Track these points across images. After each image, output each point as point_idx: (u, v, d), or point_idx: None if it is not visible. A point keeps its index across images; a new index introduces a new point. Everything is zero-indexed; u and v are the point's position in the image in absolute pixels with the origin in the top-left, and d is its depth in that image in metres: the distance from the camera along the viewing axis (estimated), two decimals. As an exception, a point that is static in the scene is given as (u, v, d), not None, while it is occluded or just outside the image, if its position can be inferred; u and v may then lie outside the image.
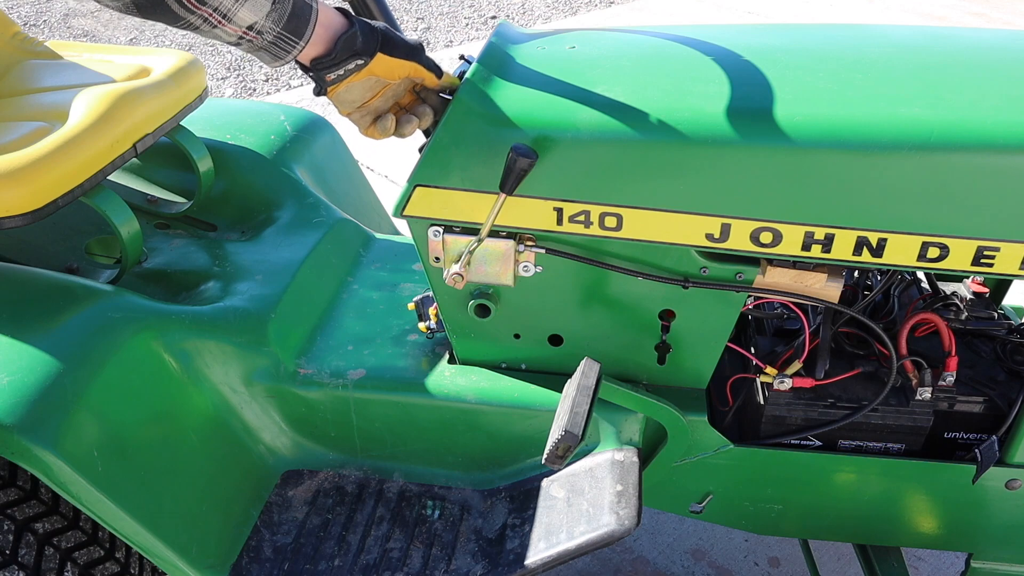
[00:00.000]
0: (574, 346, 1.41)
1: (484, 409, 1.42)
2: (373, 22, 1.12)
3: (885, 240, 1.14)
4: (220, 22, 0.99)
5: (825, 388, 1.38)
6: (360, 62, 1.10)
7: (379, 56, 1.10)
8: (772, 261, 1.25)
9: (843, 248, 1.16)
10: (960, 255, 1.14)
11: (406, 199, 1.24)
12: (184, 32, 1.04)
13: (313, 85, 1.13)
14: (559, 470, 1.43)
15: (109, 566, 1.32)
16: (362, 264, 1.80)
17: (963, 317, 1.48)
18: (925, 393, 1.34)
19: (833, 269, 1.26)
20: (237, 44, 1.03)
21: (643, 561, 2.05)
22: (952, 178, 1.09)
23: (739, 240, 1.18)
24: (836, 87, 1.17)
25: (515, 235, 1.27)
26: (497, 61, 1.26)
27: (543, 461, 1.18)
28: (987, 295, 1.56)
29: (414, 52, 1.15)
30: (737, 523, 1.56)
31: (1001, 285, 1.64)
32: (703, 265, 1.25)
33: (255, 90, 4.88)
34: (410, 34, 5.75)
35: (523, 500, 1.43)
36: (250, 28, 1.01)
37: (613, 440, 1.41)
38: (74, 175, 1.42)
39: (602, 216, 1.20)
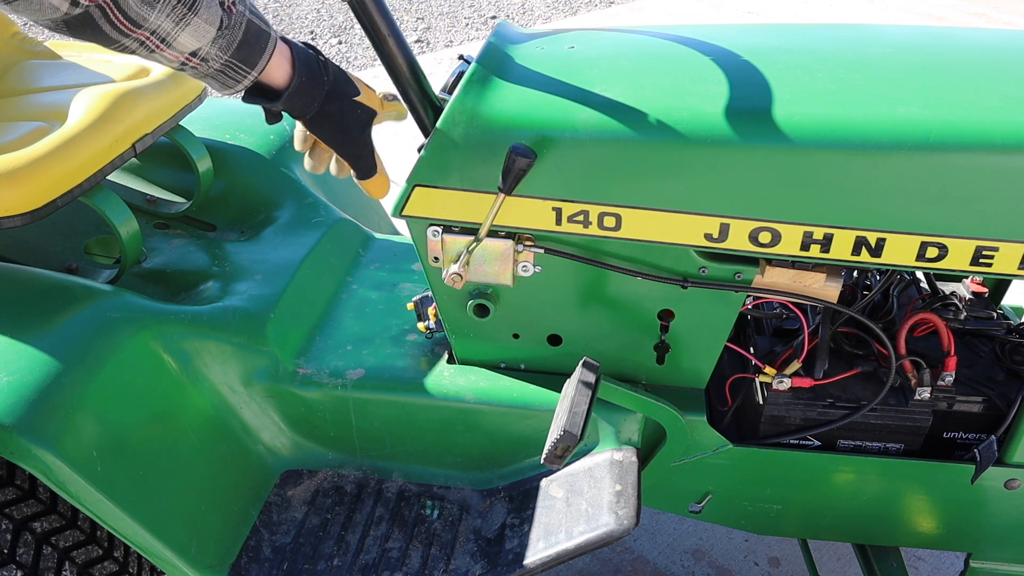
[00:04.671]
0: (573, 346, 1.41)
1: (483, 409, 1.42)
2: (332, 87, 1.07)
3: (884, 240, 1.14)
4: (158, 47, 0.92)
5: (824, 388, 1.38)
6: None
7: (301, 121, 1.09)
8: (771, 261, 1.25)
9: (842, 248, 1.16)
10: (959, 255, 1.14)
11: (405, 199, 1.24)
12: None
13: None
14: (558, 470, 1.44)
15: (107, 565, 1.32)
16: (361, 264, 1.80)
17: (962, 317, 1.48)
18: (924, 393, 1.34)
19: (832, 269, 1.26)
20: (181, 69, 0.97)
21: (643, 561, 2.05)
22: (951, 178, 1.09)
23: (738, 240, 1.18)
24: (835, 87, 1.17)
25: (514, 235, 1.27)
26: (496, 61, 1.26)
27: (542, 461, 1.18)
28: (986, 295, 1.56)
29: (340, 144, 1.12)
30: (736, 523, 1.56)
31: (1000, 285, 1.64)
32: (702, 265, 1.25)
33: (255, 90, 4.88)
34: (410, 35, 5.76)
35: (522, 500, 1.43)
36: (193, 55, 0.95)
37: (612, 440, 1.42)
38: (73, 175, 1.42)
39: (601, 216, 1.20)
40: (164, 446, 1.33)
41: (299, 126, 1.15)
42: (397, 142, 4.19)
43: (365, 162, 1.14)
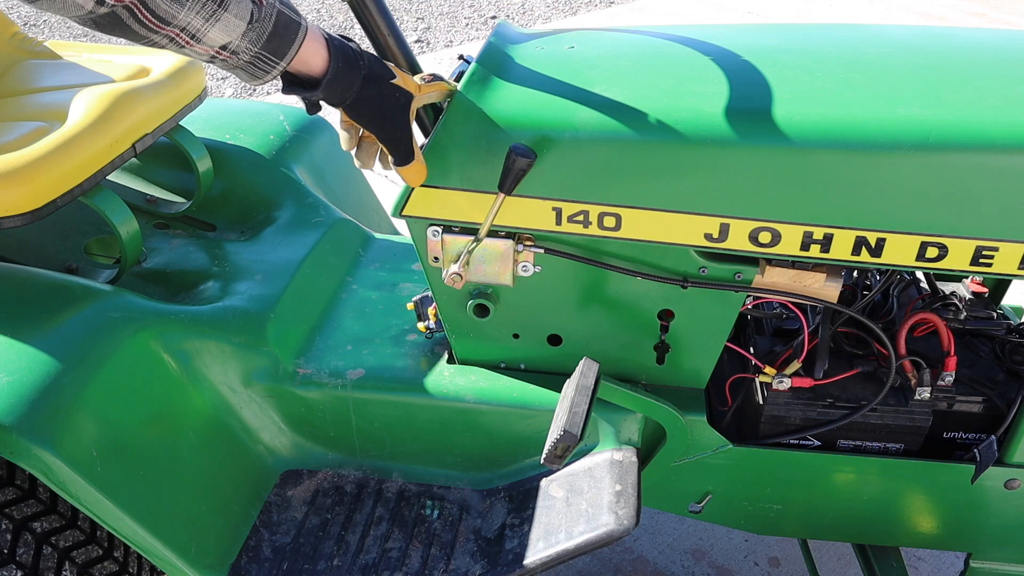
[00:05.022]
0: (573, 346, 1.41)
1: (483, 409, 1.42)
2: (368, 72, 1.07)
3: (884, 240, 1.14)
4: (188, 43, 0.94)
5: (824, 388, 1.38)
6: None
7: (341, 108, 1.08)
8: (771, 261, 1.25)
9: (842, 248, 1.16)
10: (959, 255, 1.14)
11: (405, 199, 1.24)
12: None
13: None
14: (558, 470, 1.44)
15: (107, 565, 1.32)
16: (361, 264, 1.80)
17: (962, 317, 1.48)
18: (924, 393, 1.34)
19: (832, 269, 1.26)
20: (210, 62, 0.99)
21: (643, 561, 2.05)
22: (951, 178, 1.09)
23: (738, 240, 1.18)
24: (835, 87, 1.17)
25: (514, 235, 1.27)
26: (496, 61, 1.26)
27: (542, 461, 1.18)
28: (986, 295, 1.56)
29: (381, 127, 1.10)
30: (736, 523, 1.56)
31: (1000, 285, 1.64)
32: (702, 265, 1.25)
33: (255, 90, 4.89)
34: (410, 35, 5.76)
35: (522, 500, 1.43)
36: (223, 48, 0.96)
37: (612, 440, 1.41)
38: (73, 175, 1.42)
39: (601, 216, 1.20)
40: (164, 446, 1.33)
41: (342, 125, 1.15)
42: (397, 142, 4.19)
43: (404, 146, 1.13)
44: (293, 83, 1.04)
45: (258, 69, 1.00)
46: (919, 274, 1.56)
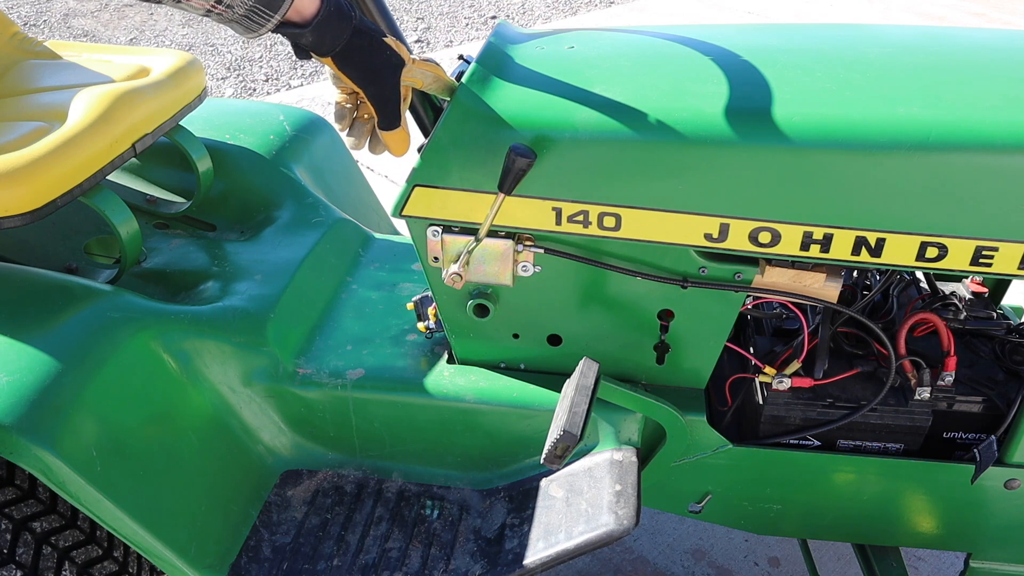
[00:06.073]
0: (573, 346, 1.41)
1: (483, 409, 1.42)
2: (359, 24, 1.08)
3: (884, 240, 1.14)
4: None
5: (824, 388, 1.38)
6: (306, 53, 1.07)
7: (328, 59, 1.08)
8: (771, 261, 1.25)
9: (842, 248, 1.16)
10: (959, 255, 1.14)
11: (405, 199, 1.24)
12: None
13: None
14: (558, 470, 1.44)
15: (107, 565, 1.32)
16: (361, 264, 1.80)
17: (962, 317, 1.48)
18: (924, 393, 1.34)
19: (832, 269, 1.26)
20: (206, 16, 1.00)
21: (643, 561, 2.05)
22: (951, 178, 1.09)
23: (738, 240, 1.18)
24: (835, 87, 1.17)
25: (514, 235, 1.27)
26: (496, 61, 1.26)
27: (542, 461, 1.18)
28: (986, 295, 1.56)
29: (370, 82, 1.10)
30: (736, 523, 1.56)
31: (1000, 285, 1.64)
32: (702, 265, 1.25)
33: (255, 90, 4.89)
34: (410, 35, 5.76)
35: (522, 500, 1.43)
36: (218, 2, 0.97)
37: (612, 440, 1.42)
38: (73, 175, 1.42)
39: (601, 216, 1.20)
40: (164, 446, 1.33)
41: (336, 107, 1.15)
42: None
43: (392, 108, 1.13)
44: (283, 24, 1.05)
45: (252, 22, 1.01)
46: (919, 274, 1.56)
